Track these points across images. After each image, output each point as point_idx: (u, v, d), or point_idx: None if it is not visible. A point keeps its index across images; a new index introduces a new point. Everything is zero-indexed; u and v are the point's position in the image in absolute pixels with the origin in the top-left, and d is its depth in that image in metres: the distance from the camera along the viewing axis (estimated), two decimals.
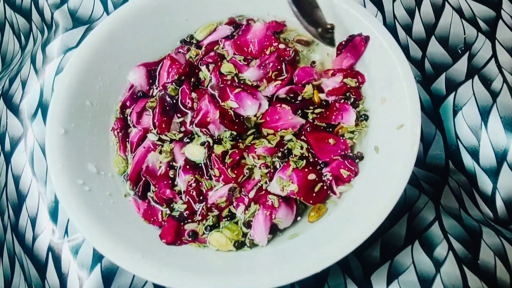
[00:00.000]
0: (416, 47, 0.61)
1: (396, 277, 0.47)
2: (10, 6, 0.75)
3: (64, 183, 0.43)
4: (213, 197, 0.46)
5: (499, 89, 0.56)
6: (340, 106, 0.49)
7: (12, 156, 0.58)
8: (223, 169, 0.46)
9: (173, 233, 0.45)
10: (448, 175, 0.55)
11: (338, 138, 0.48)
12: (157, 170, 0.48)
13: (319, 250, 0.40)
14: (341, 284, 0.48)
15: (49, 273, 0.51)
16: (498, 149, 0.54)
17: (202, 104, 0.49)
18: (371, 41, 0.48)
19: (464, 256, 0.48)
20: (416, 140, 0.41)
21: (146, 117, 0.51)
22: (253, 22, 0.55)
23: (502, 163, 0.53)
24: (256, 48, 0.53)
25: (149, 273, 0.39)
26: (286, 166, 0.46)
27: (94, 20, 0.65)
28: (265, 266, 0.41)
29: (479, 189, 0.54)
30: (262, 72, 0.51)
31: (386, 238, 0.49)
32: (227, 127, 0.48)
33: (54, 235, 0.53)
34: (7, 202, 0.57)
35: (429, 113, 0.57)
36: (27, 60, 0.65)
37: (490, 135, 0.54)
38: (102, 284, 0.49)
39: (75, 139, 0.46)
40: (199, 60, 0.54)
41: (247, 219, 0.45)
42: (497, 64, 0.58)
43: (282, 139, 0.48)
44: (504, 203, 0.53)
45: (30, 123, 0.59)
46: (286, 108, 0.48)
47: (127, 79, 0.53)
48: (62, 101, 0.46)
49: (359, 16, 0.48)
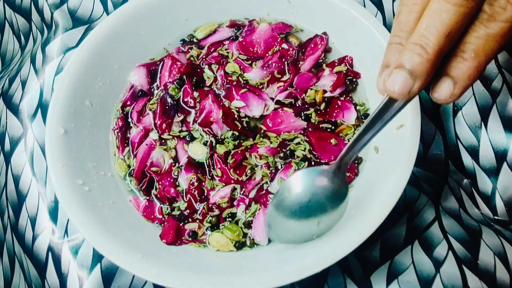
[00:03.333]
0: None
1: (396, 277, 0.47)
2: (10, 6, 0.75)
3: (64, 183, 0.43)
4: (215, 197, 0.46)
5: (499, 89, 0.56)
6: (342, 104, 0.49)
7: (12, 156, 0.58)
8: (225, 169, 0.46)
9: (173, 233, 0.45)
10: (448, 175, 0.55)
11: (340, 138, 0.48)
12: (162, 166, 0.48)
13: (319, 250, 0.40)
14: (341, 284, 0.48)
15: (49, 273, 0.51)
16: (498, 149, 0.54)
17: (205, 104, 0.49)
18: (371, 41, 0.48)
19: (464, 256, 0.48)
20: (416, 140, 0.41)
21: (147, 116, 0.51)
22: (255, 23, 0.55)
23: (502, 163, 0.53)
24: (262, 48, 0.53)
25: (149, 273, 0.39)
26: (288, 167, 0.46)
27: (94, 20, 0.65)
28: (265, 266, 0.41)
29: (478, 189, 0.54)
30: (266, 72, 0.51)
31: (386, 238, 0.50)
32: (230, 127, 0.48)
33: (54, 235, 0.53)
34: (7, 202, 0.57)
35: (429, 113, 0.57)
36: (27, 60, 0.65)
37: (490, 135, 0.54)
38: (102, 284, 0.49)
39: (75, 139, 0.46)
40: (201, 60, 0.54)
41: (248, 219, 0.45)
42: (497, 64, 0.58)
43: (285, 140, 0.48)
44: (504, 203, 0.53)
45: (30, 123, 0.59)
46: (288, 111, 0.48)
47: (127, 80, 0.53)
48: (62, 101, 0.46)
49: (359, 16, 0.48)
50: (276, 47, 0.53)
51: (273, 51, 0.52)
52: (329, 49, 0.53)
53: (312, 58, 0.52)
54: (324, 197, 0.38)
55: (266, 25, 0.53)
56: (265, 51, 0.53)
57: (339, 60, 0.52)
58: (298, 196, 0.38)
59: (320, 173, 0.38)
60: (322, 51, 0.52)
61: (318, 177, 0.37)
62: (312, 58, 0.52)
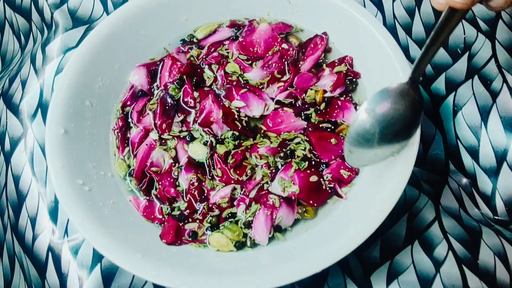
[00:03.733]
0: (416, 47, 0.61)
1: (396, 277, 0.47)
2: (10, 6, 0.75)
3: (64, 183, 0.43)
4: (215, 197, 0.46)
5: (499, 89, 0.56)
6: (342, 104, 0.49)
7: (12, 156, 0.58)
8: (226, 169, 0.46)
9: (173, 233, 0.45)
10: (448, 175, 0.55)
11: (340, 138, 0.48)
12: (162, 166, 0.48)
13: (319, 250, 0.40)
14: (341, 284, 0.48)
15: (49, 273, 0.51)
16: (498, 149, 0.54)
17: (205, 104, 0.49)
18: (371, 41, 0.48)
19: (464, 256, 0.48)
20: (416, 140, 0.41)
21: (147, 116, 0.51)
22: (255, 23, 0.55)
23: (502, 163, 0.53)
24: (262, 48, 0.53)
25: (149, 273, 0.39)
26: (288, 167, 0.46)
27: (94, 20, 0.65)
28: (265, 266, 0.41)
29: (478, 189, 0.54)
30: (266, 72, 0.51)
31: (386, 238, 0.50)
32: (230, 127, 0.48)
33: (54, 235, 0.53)
34: (7, 202, 0.57)
35: (429, 113, 0.57)
36: (27, 60, 0.65)
37: (490, 135, 0.54)
38: (102, 284, 0.49)
39: (75, 139, 0.46)
40: (201, 60, 0.54)
41: (248, 219, 0.45)
42: (497, 64, 0.58)
43: (285, 140, 0.48)
44: (504, 203, 0.53)
45: (30, 123, 0.59)
46: (289, 111, 0.48)
47: (127, 80, 0.53)
48: (62, 101, 0.46)
49: (359, 16, 0.48)
50: (276, 47, 0.53)
51: (273, 51, 0.52)
52: (329, 49, 0.53)
53: (312, 58, 0.52)
54: (403, 114, 0.38)
55: (266, 25, 0.53)
56: (265, 51, 0.53)
57: (339, 60, 0.52)
58: (379, 119, 0.38)
59: (398, 91, 0.39)
60: (322, 51, 0.52)
61: (396, 95, 0.38)
62: (312, 58, 0.52)
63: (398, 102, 0.38)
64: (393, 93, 0.38)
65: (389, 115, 0.38)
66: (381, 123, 0.38)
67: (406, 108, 0.38)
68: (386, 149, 0.40)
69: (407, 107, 0.38)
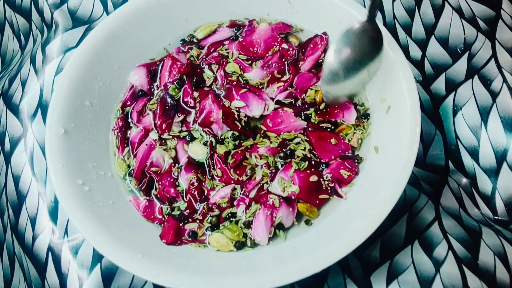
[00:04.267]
0: (416, 47, 0.61)
1: (395, 277, 0.47)
2: (10, 6, 0.75)
3: (64, 183, 0.43)
4: (215, 197, 0.46)
5: (499, 89, 0.56)
6: (342, 103, 0.49)
7: (12, 156, 0.58)
8: (225, 169, 0.46)
9: (173, 233, 0.45)
10: (448, 175, 0.55)
11: (340, 138, 0.48)
12: (161, 166, 0.48)
13: (319, 250, 0.40)
14: (341, 284, 0.48)
15: (49, 273, 0.51)
16: (498, 149, 0.54)
17: (205, 104, 0.49)
18: None
19: (463, 256, 0.48)
20: (416, 140, 0.41)
21: (147, 116, 0.51)
22: (255, 23, 0.55)
23: (502, 163, 0.53)
24: (262, 48, 0.53)
25: (149, 273, 0.39)
26: (288, 167, 0.46)
27: (94, 20, 0.65)
28: (265, 266, 0.41)
29: (478, 189, 0.54)
30: (265, 72, 0.51)
31: (386, 238, 0.50)
32: (230, 127, 0.48)
33: (54, 235, 0.53)
34: (7, 202, 0.57)
35: (429, 113, 0.57)
36: (27, 60, 0.65)
37: (490, 135, 0.54)
38: (102, 284, 0.49)
39: (75, 139, 0.46)
40: (201, 60, 0.54)
41: (248, 219, 0.45)
42: (497, 64, 0.58)
43: (285, 140, 0.48)
44: (504, 203, 0.53)
45: (30, 123, 0.59)
46: (288, 111, 0.48)
47: (127, 80, 0.53)
48: (62, 101, 0.46)
49: (359, 16, 0.48)
50: (276, 47, 0.53)
51: (273, 51, 0.52)
52: None
53: (312, 58, 0.52)
54: (365, 45, 0.44)
55: (266, 25, 0.53)
56: (265, 51, 0.53)
57: None
58: (346, 55, 0.44)
59: (359, 29, 0.44)
60: (322, 51, 0.52)
61: (358, 33, 0.44)
62: (312, 58, 0.52)
63: (361, 38, 0.44)
64: (355, 31, 0.44)
65: (354, 51, 0.44)
66: (347, 58, 0.44)
67: (367, 41, 0.44)
68: (356, 79, 0.46)
69: (368, 41, 0.44)
